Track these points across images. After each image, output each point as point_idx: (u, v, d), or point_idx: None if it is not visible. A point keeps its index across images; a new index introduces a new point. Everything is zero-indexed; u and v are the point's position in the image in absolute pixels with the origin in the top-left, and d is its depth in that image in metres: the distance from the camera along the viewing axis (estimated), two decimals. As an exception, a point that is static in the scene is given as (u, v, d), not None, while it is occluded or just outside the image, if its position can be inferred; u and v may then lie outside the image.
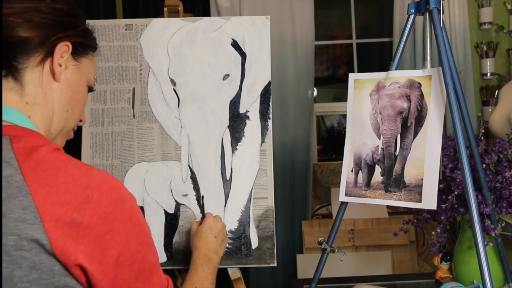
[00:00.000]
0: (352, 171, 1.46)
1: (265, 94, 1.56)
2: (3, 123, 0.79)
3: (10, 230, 0.70)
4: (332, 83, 4.13)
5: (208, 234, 1.32)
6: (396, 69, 1.43)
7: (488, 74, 2.86)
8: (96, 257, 0.74)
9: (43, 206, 0.71)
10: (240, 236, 1.50)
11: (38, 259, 0.71)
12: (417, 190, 1.33)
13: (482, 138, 1.51)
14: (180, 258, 1.51)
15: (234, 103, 1.55)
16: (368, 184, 1.43)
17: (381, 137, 1.41)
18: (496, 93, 2.81)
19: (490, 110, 2.81)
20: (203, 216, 1.46)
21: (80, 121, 0.98)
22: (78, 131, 1.59)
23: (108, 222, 0.75)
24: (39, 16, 0.83)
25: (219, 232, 1.34)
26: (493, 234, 1.39)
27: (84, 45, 0.93)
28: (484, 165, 1.41)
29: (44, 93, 0.86)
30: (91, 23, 1.61)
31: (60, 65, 0.87)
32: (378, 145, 1.42)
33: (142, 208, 1.52)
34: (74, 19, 0.90)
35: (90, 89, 0.98)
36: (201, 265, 1.25)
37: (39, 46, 0.83)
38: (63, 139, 0.95)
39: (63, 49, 0.87)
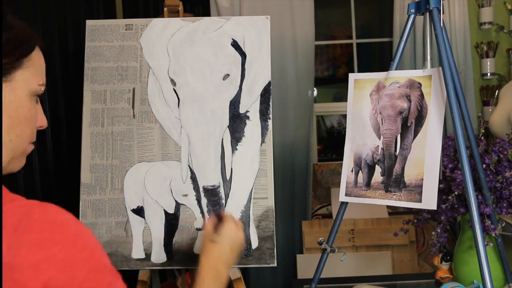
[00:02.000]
0: (352, 171, 1.46)
1: (265, 94, 1.56)
2: None
3: None
4: (332, 83, 4.13)
5: (225, 244, 1.11)
6: (396, 69, 1.42)
7: (488, 74, 2.86)
8: None
9: None
10: (240, 236, 1.50)
11: None
12: (417, 190, 1.32)
13: (482, 138, 1.50)
14: (180, 258, 1.51)
15: (234, 103, 1.54)
16: (368, 184, 1.42)
17: (381, 137, 1.41)
18: (496, 93, 2.80)
19: (490, 110, 2.81)
20: (219, 216, 1.18)
21: (40, 127, 0.85)
22: (78, 131, 1.60)
23: (45, 249, 0.65)
24: None
25: (237, 244, 1.13)
26: (493, 234, 1.39)
27: (10, 62, 0.76)
28: (484, 165, 1.41)
29: None
30: (91, 23, 1.62)
31: None
32: (378, 145, 1.41)
33: (142, 208, 1.52)
34: None
35: (39, 96, 0.83)
36: (208, 282, 1.04)
37: None
38: (20, 161, 0.83)
39: None
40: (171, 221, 1.52)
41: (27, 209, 0.67)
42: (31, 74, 0.79)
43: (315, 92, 3.16)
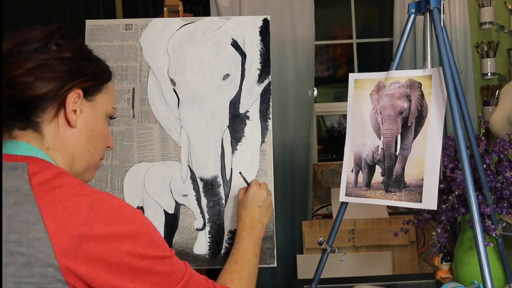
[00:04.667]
0: (352, 171, 1.45)
1: (265, 94, 1.55)
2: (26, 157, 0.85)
3: (14, 229, 0.76)
4: (332, 83, 4.13)
5: (252, 204, 1.31)
6: (396, 69, 1.42)
7: (489, 74, 2.86)
8: (105, 261, 0.78)
9: (49, 217, 0.76)
10: (240, 236, 1.50)
11: (33, 258, 0.75)
12: (417, 190, 1.32)
13: (483, 138, 1.50)
14: (180, 258, 1.50)
15: (234, 103, 1.54)
16: (368, 184, 1.42)
17: (382, 137, 1.41)
18: (496, 93, 2.80)
19: (490, 110, 2.81)
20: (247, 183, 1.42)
21: (108, 147, 1.01)
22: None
23: (111, 225, 0.79)
24: (48, 71, 0.85)
25: (264, 201, 1.32)
26: (494, 235, 1.39)
27: (96, 85, 0.94)
28: (484, 165, 1.41)
29: (62, 141, 0.89)
30: (91, 23, 1.62)
31: (75, 111, 0.89)
32: (378, 145, 1.41)
33: (142, 208, 1.52)
34: (82, 64, 0.91)
35: (112, 117, 1.00)
36: (243, 238, 1.26)
37: (52, 100, 0.86)
38: (91, 173, 0.99)
39: (74, 97, 0.89)
40: (171, 221, 1.51)
41: (98, 193, 0.82)
42: (107, 99, 0.97)
43: (315, 92, 3.16)
